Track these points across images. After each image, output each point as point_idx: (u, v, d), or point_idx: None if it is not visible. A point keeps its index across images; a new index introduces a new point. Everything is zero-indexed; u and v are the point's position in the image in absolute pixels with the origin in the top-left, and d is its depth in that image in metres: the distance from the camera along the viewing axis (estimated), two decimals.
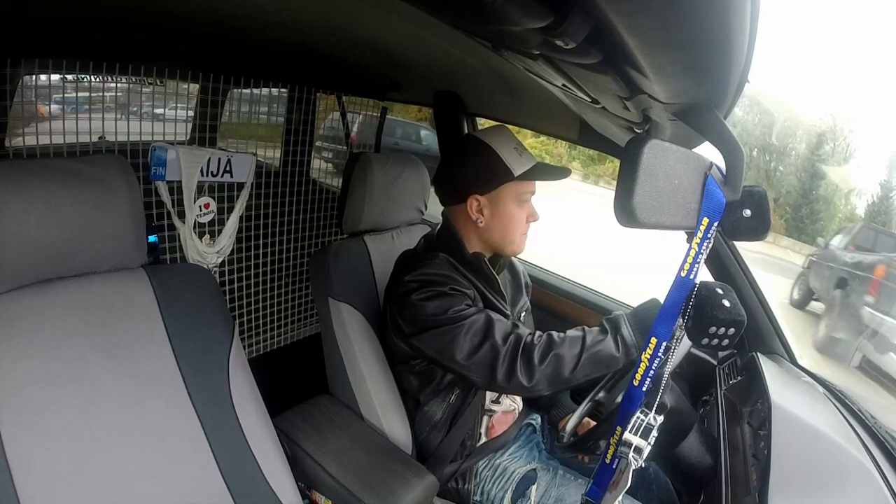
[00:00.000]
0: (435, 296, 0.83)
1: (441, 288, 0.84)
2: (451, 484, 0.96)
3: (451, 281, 0.86)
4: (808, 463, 0.68)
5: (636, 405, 0.59)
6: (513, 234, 0.92)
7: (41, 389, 0.60)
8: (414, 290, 0.85)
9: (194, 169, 1.20)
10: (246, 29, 0.97)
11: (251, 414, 0.77)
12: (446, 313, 0.82)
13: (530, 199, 0.93)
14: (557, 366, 0.76)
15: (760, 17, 0.36)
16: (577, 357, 0.76)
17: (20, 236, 0.60)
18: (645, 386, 0.58)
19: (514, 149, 0.90)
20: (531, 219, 0.93)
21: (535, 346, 0.78)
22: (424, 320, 0.84)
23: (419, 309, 0.84)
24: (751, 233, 0.58)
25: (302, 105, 1.49)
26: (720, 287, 0.55)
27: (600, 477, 0.66)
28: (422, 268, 0.88)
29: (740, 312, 0.54)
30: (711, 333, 0.54)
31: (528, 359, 0.77)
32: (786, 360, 1.08)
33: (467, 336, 0.80)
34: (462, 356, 0.80)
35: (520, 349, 0.78)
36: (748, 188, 0.56)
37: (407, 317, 0.87)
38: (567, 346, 0.77)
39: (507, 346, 0.79)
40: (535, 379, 0.76)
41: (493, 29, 0.44)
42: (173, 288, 0.76)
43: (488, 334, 0.80)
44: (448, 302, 0.83)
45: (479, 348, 0.79)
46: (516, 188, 0.90)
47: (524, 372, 0.76)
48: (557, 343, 0.78)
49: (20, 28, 0.84)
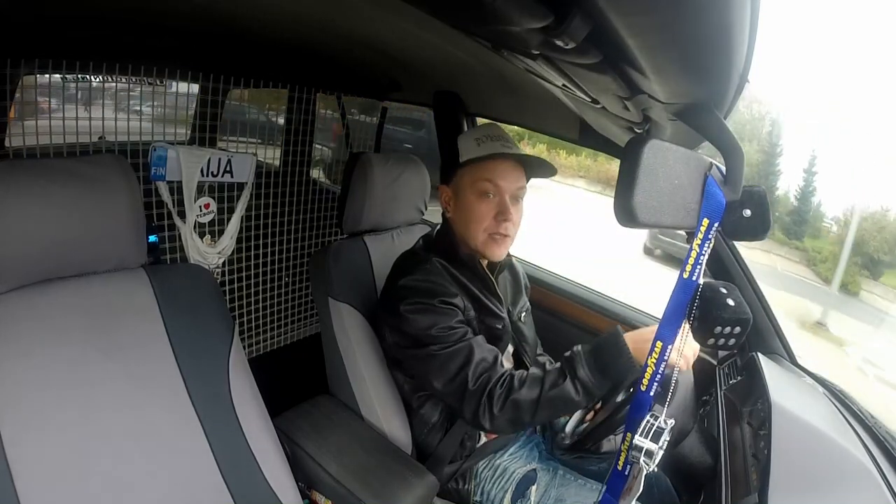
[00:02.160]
0: (422, 310, 0.84)
1: (429, 301, 0.84)
2: (451, 484, 0.96)
3: (440, 291, 0.86)
4: (808, 463, 0.68)
5: (645, 410, 0.58)
6: (473, 228, 0.89)
7: (41, 390, 0.60)
8: (403, 300, 0.86)
9: (194, 169, 1.20)
10: (246, 29, 0.97)
11: (251, 414, 0.77)
12: (430, 331, 0.82)
13: (500, 195, 0.88)
14: (516, 411, 0.77)
15: (760, 16, 0.36)
16: (536, 402, 0.76)
17: (20, 236, 0.60)
18: (653, 391, 0.57)
19: (476, 139, 0.89)
20: (501, 217, 0.88)
21: (497, 391, 0.78)
22: (409, 336, 0.85)
23: (406, 322, 0.85)
24: (751, 233, 0.57)
25: (302, 105, 1.49)
26: (724, 286, 0.55)
27: (613, 484, 0.64)
28: (413, 273, 0.89)
29: (745, 311, 0.53)
30: (717, 333, 0.53)
31: (490, 403, 0.78)
32: (786, 360, 1.08)
33: (445, 367, 0.81)
34: (438, 384, 0.82)
35: (485, 392, 0.78)
36: (748, 188, 0.56)
37: (394, 326, 0.89)
38: (526, 391, 0.77)
39: (475, 388, 0.79)
40: (496, 424, 0.78)
41: (493, 29, 0.44)
42: (173, 288, 0.76)
43: (463, 369, 0.80)
44: (433, 319, 0.83)
45: (453, 381, 0.81)
46: (470, 176, 0.89)
47: (486, 415, 0.78)
48: (516, 388, 0.78)
49: (20, 28, 0.84)
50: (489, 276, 0.94)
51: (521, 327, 1.03)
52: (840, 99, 13.47)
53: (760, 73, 1.94)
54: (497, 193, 0.88)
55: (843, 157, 11.38)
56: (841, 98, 13.38)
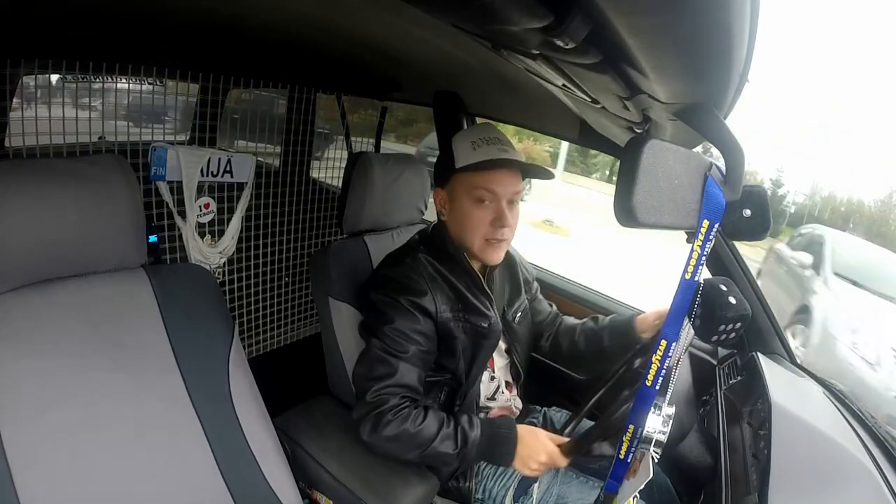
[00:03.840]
0: (388, 304, 0.86)
1: (397, 297, 0.86)
2: (451, 483, 0.96)
3: (412, 289, 0.87)
4: (808, 463, 0.68)
5: (649, 403, 0.61)
6: (469, 233, 0.89)
7: (41, 389, 0.60)
8: (376, 286, 0.89)
9: (194, 169, 1.20)
10: (246, 29, 0.97)
11: (251, 414, 0.78)
12: (384, 326, 0.84)
13: (496, 201, 0.87)
14: (396, 448, 0.82)
15: (760, 16, 0.36)
16: (419, 453, 0.81)
17: (20, 236, 0.60)
18: (658, 385, 0.59)
19: (472, 142, 0.87)
20: (498, 223, 0.87)
21: (387, 416, 0.80)
22: (368, 320, 0.90)
23: (371, 307, 0.89)
24: (751, 233, 0.58)
25: (302, 105, 1.49)
26: (723, 283, 0.56)
27: (617, 471, 0.67)
28: (394, 265, 0.92)
29: (745, 307, 0.56)
30: (721, 331, 0.55)
31: (376, 423, 0.80)
32: (786, 360, 1.08)
33: (371, 363, 0.84)
34: (357, 370, 0.86)
35: (378, 409, 0.80)
36: (748, 188, 0.56)
37: (362, 308, 0.95)
38: (415, 440, 0.80)
39: (375, 399, 0.81)
40: (371, 439, 0.81)
41: (493, 29, 0.44)
42: (173, 288, 0.76)
43: (380, 379, 0.82)
44: (393, 316, 0.85)
45: (366, 379, 0.83)
46: (466, 182, 0.87)
47: (368, 430, 0.81)
48: (410, 433, 0.80)
49: (20, 28, 0.84)
50: (477, 274, 0.93)
51: (514, 328, 1.02)
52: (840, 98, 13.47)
53: (760, 73, 1.98)
54: (493, 200, 0.87)
55: (843, 157, 11.39)
56: (841, 98, 13.38)
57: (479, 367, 0.94)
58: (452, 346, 0.91)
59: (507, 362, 1.04)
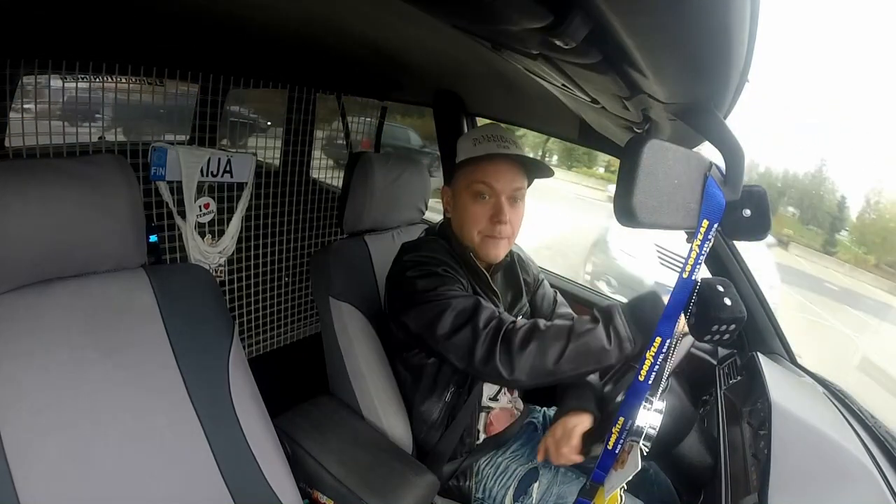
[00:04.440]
0: (427, 274, 0.83)
1: (434, 268, 0.84)
2: (452, 482, 0.96)
3: (445, 264, 0.86)
4: (808, 463, 0.68)
5: (641, 398, 0.61)
6: (468, 229, 0.89)
7: (41, 390, 0.60)
8: (408, 268, 0.86)
9: (194, 169, 1.20)
10: (246, 29, 0.97)
11: (251, 414, 0.78)
12: (436, 290, 0.80)
13: (495, 196, 0.87)
14: (540, 355, 0.70)
15: (760, 16, 0.36)
16: (563, 347, 0.70)
17: (20, 236, 0.60)
18: (650, 380, 0.60)
19: (474, 139, 0.89)
20: (496, 219, 0.87)
21: (516, 332, 0.72)
22: (414, 296, 0.82)
23: (411, 284, 0.83)
24: (751, 233, 0.58)
25: (302, 105, 1.49)
26: (720, 283, 0.56)
27: (604, 461, 0.67)
28: (420, 250, 0.91)
29: (741, 309, 0.56)
30: (714, 331, 0.56)
31: (507, 346, 0.72)
32: (786, 359, 1.08)
33: (451, 315, 0.77)
34: (443, 333, 0.77)
35: (500, 335, 0.73)
36: (748, 188, 0.56)
37: (399, 294, 0.87)
38: (552, 335, 0.71)
39: (487, 330, 0.74)
40: (515, 368, 0.71)
41: (492, 29, 0.44)
42: (173, 288, 0.76)
43: (472, 317, 0.76)
44: (439, 280, 0.82)
45: (461, 330, 0.76)
46: (466, 177, 0.89)
47: (503, 360, 0.71)
48: (541, 331, 0.72)
49: (20, 28, 0.84)
50: (485, 273, 0.94)
51: None
52: (840, 98, 13.46)
53: (760, 73, 1.99)
54: (492, 195, 0.87)
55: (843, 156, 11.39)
56: (841, 97, 13.37)
57: None
58: None
59: None
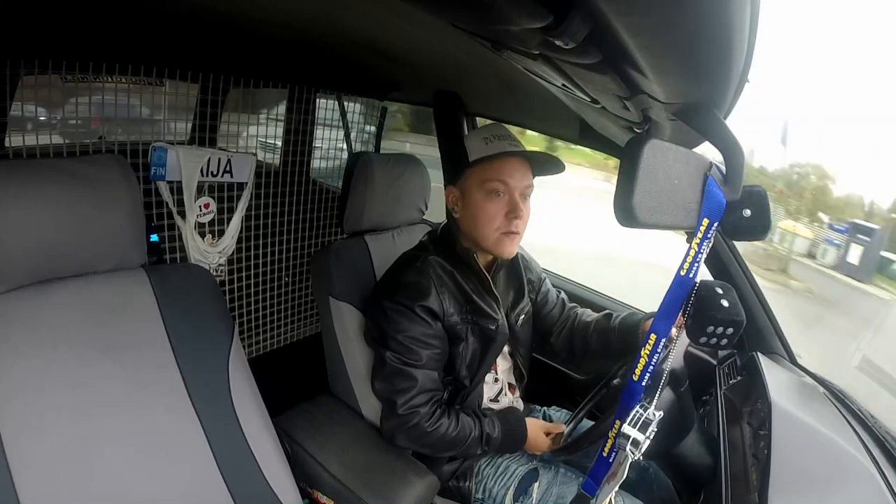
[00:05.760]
0: (401, 312, 0.87)
1: (409, 304, 0.87)
2: (451, 482, 0.96)
3: (423, 293, 0.88)
4: (808, 463, 0.68)
5: (636, 399, 0.59)
6: (483, 227, 0.89)
7: (41, 390, 0.60)
8: (388, 295, 0.90)
9: (194, 169, 1.20)
10: (246, 28, 0.97)
11: (251, 414, 0.78)
12: (398, 336, 0.87)
13: (509, 193, 0.87)
14: (431, 451, 0.92)
15: (760, 16, 0.36)
16: (449, 452, 0.93)
17: (20, 236, 0.60)
18: (644, 381, 0.58)
19: (484, 138, 0.89)
20: (512, 215, 0.87)
21: (427, 431, 0.87)
22: (380, 330, 0.90)
23: (383, 316, 0.89)
24: (751, 233, 0.57)
25: (302, 105, 1.49)
26: (720, 286, 0.55)
27: (597, 470, 0.66)
28: (405, 269, 0.92)
29: (739, 313, 0.54)
30: (710, 333, 0.54)
31: (412, 436, 0.88)
32: (786, 360, 1.08)
33: (391, 377, 0.88)
34: (378, 386, 0.91)
35: (411, 423, 0.87)
36: (748, 188, 0.56)
37: (372, 318, 0.94)
38: (448, 446, 0.89)
39: (406, 412, 0.86)
40: (406, 445, 0.91)
41: (492, 29, 0.44)
42: (173, 288, 0.76)
43: (404, 391, 0.87)
44: (407, 326, 0.87)
45: (389, 393, 0.88)
46: (479, 176, 0.88)
47: (404, 440, 0.89)
48: (446, 440, 0.88)
49: (20, 28, 0.84)
50: (485, 275, 0.93)
51: (517, 330, 1.02)
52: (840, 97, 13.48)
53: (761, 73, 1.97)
54: (507, 192, 0.88)
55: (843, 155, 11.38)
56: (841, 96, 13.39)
57: (484, 369, 0.95)
58: (458, 347, 0.91)
59: (510, 365, 1.04)
